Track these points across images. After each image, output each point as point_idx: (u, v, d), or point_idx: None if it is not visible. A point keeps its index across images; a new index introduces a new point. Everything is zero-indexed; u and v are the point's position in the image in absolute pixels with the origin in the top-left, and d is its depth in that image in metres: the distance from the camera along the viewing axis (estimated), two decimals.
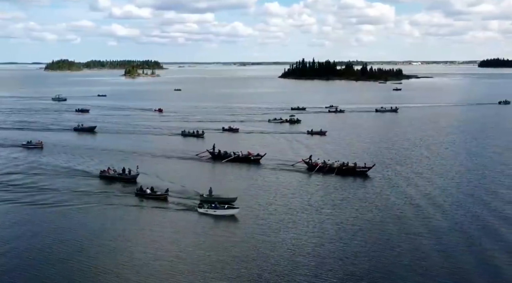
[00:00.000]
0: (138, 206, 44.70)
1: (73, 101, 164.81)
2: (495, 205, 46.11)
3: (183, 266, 32.52)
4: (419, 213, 43.68)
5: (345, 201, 47.70)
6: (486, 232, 39.13)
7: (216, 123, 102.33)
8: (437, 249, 35.53)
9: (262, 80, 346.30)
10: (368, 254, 34.54)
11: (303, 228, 39.65)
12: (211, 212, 41.74)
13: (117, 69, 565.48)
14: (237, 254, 34.37)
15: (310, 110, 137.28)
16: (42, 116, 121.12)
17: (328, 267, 32.39)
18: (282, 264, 32.76)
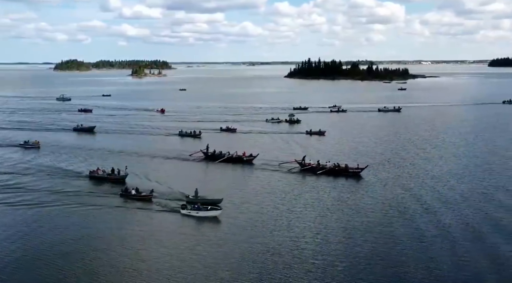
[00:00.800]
0: (122, 207, 44.40)
1: (77, 101, 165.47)
2: (490, 208, 45.16)
3: (161, 267, 32.15)
4: (406, 215, 42.97)
5: (334, 202, 47.10)
6: (476, 236, 38.40)
7: (216, 123, 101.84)
8: (421, 250, 34.92)
9: (268, 80, 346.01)
10: (356, 256, 34.00)
11: (287, 229, 39.18)
12: (193, 213, 41.40)
13: (126, 69, 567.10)
14: (216, 256, 34.01)
15: (312, 110, 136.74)
16: (44, 116, 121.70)
17: (314, 269, 31.92)
18: (262, 267, 32.29)
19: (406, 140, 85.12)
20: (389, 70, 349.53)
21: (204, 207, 42.08)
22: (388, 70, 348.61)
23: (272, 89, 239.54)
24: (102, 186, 51.68)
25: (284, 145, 79.75)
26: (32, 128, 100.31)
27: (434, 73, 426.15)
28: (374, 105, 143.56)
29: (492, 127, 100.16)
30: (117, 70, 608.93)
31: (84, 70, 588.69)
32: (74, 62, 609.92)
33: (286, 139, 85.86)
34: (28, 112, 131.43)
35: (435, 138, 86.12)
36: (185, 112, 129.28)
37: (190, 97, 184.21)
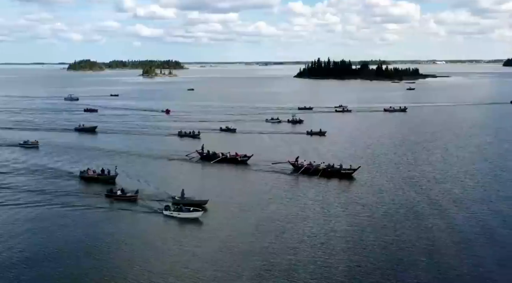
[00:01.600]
0: (106, 208, 44.20)
1: (84, 101, 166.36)
2: (487, 212, 44.23)
3: (139, 268, 31.96)
4: (393, 218, 42.24)
5: (324, 203, 46.52)
6: (473, 239, 37.64)
7: (218, 123, 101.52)
8: (409, 254, 34.25)
9: (277, 80, 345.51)
10: (343, 259, 33.52)
11: (272, 230, 38.60)
12: (175, 214, 41.12)
13: (138, 69, 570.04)
14: (195, 257, 33.67)
15: (317, 110, 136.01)
16: (48, 116, 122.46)
17: (297, 273, 31.50)
18: (242, 268, 31.90)
19: (407, 140, 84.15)
20: (399, 69, 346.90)
21: (186, 208, 41.75)
22: (398, 69, 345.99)
23: (279, 89, 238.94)
24: (90, 187, 51.58)
25: (283, 145, 79.19)
26: (35, 127, 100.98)
27: (446, 72, 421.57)
28: (380, 105, 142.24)
29: (494, 128, 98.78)
30: (130, 70, 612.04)
31: (97, 70, 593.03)
32: (87, 62, 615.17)
33: (285, 140, 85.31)
34: (34, 112, 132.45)
35: (436, 139, 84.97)
36: (190, 112, 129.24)
37: (197, 97, 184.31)
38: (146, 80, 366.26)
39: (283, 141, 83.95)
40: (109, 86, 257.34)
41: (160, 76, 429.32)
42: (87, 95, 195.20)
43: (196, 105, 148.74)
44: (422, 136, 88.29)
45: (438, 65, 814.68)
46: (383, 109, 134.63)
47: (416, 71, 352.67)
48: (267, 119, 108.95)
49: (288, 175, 58.48)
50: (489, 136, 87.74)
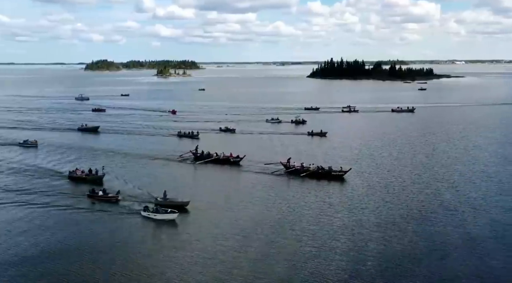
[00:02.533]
0: (86, 209, 44.03)
1: (95, 100, 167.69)
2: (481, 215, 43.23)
3: (111, 269, 31.77)
4: (379, 222, 41.34)
5: (312, 206, 45.81)
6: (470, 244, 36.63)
7: (221, 123, 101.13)
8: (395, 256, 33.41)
9: (290, 80, 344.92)
10: (327, 263, 32.88)
11: (250, 234, 37.93)
12: (152, 216, 40.82)
13: (154, 69, 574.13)
14: (169, 259, 33.28)
15: (324, 110, 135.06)
16: (55, 115, 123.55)
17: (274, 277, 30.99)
18: (218, 271, 31.46)
19: (407, 141, 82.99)
20: (412, 69, 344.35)
21: (163, 209, 41.44)
22: (411, 70, 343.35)
23: (289, 89, 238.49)
24: (76, 187, 51.51)
25: (280, 146, 78.38)
26: (39, 127, 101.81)
27: (462, 73, 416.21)
28: (389, 105, 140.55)
29: (500, 129, 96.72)
30: (147, 70, 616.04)
31: (114, 70, 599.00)
32: (104, 62, 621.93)
33: (284, 140, 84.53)
34: (42, 111, 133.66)
35: (438, 140, 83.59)
36: (196, 112, 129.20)
37: (206, 97, 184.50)
38: (159, 80, 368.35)
39: (282, 141, 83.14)
40: (122, 86, 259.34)
41: (174, 76, 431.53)
42: (98, 94, 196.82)
43: (204, 105, 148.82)
44: (425, 137, 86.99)
45: (457, 65, 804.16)
46: (390, 109, 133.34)
47: (431, 71, 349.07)
48: (268, 119, 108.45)
49: (279, 176, 57.81)
50: (493, 138, 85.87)
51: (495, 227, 39.80)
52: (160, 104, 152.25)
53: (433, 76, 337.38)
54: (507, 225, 40.34)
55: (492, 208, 44.83)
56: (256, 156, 66.77)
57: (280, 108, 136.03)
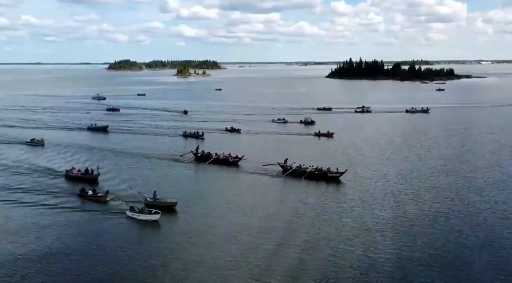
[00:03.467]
0: (74, 208, 44.05)
1: (111, 100, 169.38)
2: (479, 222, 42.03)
3: (89, 269, 31.82)
4: (373, 225, 40.52)
5: (303, 208, 45.11)
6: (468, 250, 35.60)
7: (228, 123, 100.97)
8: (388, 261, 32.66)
9: (308, 80, 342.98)
10: (314, 268, 32.31)
11: (235, 237, 37.29)
12: (136, 216, 40.76)
13: (176, 69, 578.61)
14: (140, 262, 33.08)
15: (336, 111, 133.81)
16: (69, 115, 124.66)
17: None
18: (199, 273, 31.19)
19: (418, 142, 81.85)
20: (432, 70, 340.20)
21: (148, 210, 41.37)
22: (431, 70, 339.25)
23: (305, 89, 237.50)
24: (70, 186, 51.56)
25: (284, 146, 77.52)
26: (50, 126, 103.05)
27: (485, 73, 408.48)
28: (403, 105, 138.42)
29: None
30: (169, 70, 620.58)
31: (136, 70, 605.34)
32: (126, 62, 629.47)
33: (290, 141, 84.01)
34: (57, 110, 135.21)
35: (450, 141, 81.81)
36: (208, 112, 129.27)
37: (221, 97, 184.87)
38: (178, 80, 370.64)
39: (287, 142, 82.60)
40: (141, 86, 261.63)
41: (193, 76, 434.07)
42: (116, 94, 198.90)
43: (217, 105, 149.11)
44: (435, 138, 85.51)
45: (482, 66, 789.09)
46: (405, 110, 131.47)
47: (451, 71, 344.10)
48: (274, 119, 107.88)
49: (275, 177, 57.24)
50: (503, 140, 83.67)
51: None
52: (174, 104, 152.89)
53: (453, 77, 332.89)
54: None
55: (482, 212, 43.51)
56: (257, 156, 66.42)
57: (292, 108, 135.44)
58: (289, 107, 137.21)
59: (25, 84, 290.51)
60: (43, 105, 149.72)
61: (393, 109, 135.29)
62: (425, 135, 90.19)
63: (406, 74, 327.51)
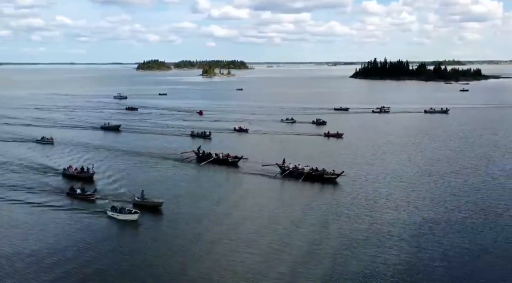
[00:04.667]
0: (60, 206, 44.21)
1: (132, 99, 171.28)
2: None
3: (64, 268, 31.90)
4: (366, 228, 39.45)
5: (293, 209, 44.41)
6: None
7: (240, 123, 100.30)
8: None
9: (331, 80, 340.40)
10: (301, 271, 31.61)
11: (217, 240, 36.59)
12: (115, 216, 40.67)
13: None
14: (114, 262, 32.92)
15: (353, 111, 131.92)
16: (87, 114, 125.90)
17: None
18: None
19: (431, 143, 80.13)
20: (458, 70, 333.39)
21: (128, 209, 41.24)
22: (457, 70, 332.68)
23: (326, 89, 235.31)
24: (64, 184, 51.73)
25: (289, 146, 76.63)
26: (66, 125, 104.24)
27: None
28: (424, 106, 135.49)
29: None
30: (197, 70, 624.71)
31: (164, 69, 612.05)
32: (155, 62, 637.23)
33: (297, 141, 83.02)
34: (76, 110, 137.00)
35: (466, 143, 79.42)
36: (223, 112, 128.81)
37: (240, 97, 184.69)
38: (203, 80, 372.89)
39: (293, 142, 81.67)
40: (165, 86, 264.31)
41: (218, 76, 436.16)
42: (138, 93, 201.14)
43: (233, 105, 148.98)
44: (450, 139, 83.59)
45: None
46: (423, 110, 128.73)
47: (478, 72, 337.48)
48: (282, 119, 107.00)
49: (272, 178, 56.40)
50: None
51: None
52: (192, 103, 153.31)
53: (480, 77, 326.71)
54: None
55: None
56: (258, 156, 65.74)
57: (309, 108, 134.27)
58: (305, 107, 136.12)
59: (52, 83, 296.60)
60: (63, 104, 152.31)
61: (412, 110, 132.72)
62: (438, 136, 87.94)
63: (431, 74, 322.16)
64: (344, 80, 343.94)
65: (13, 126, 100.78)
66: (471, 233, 38.14)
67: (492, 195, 48.54)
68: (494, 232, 38.42)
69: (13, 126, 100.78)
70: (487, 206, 45.07)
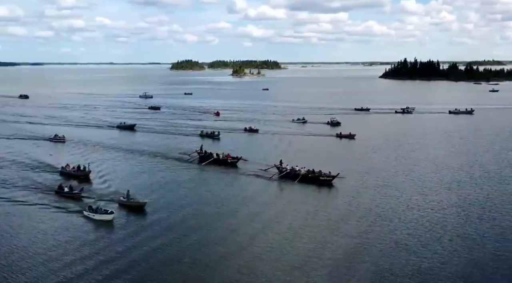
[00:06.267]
0: (47, 205, 44.44)
1: (157, 99, 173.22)
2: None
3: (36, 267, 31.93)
4: (359, 231, 38.15)
5: (280, 212, 43.48)
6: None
7: (253, 123, 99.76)
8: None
9: (360, 80, 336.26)
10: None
11: (194, 243, 35.79)
12: (91, 216, 40.58)
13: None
14: (83, 263, 32.62)
15: (375, 111, 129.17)
16: (106, 113, 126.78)
17: None
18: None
19: (448, 145, 77.24)
20: (491, 70, 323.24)
21: (105, 210, 41.09)
22: (489, 70, 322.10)
23: (351, 89, 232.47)
24: (57, 182, 51.60)
25: (295, 147, 75.45)
26: (81, 124, 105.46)
27: None
28: (450, 106, 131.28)
29: None
30: (230, 69, 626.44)
31: (197, 69, 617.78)
32: (188, 62, 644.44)
33: (307, 141, 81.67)
34: (99, 109, 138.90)
35: (486, 145, 76.27)
36: (242, 112, 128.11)
37: (264, 97, 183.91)
38: (232, 80, 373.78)
39: (301, 143, 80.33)
40: (193, 85, 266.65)
41: (248, 75, 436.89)
42: (163, 93, 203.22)
43: (254, 105, 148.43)
44: (470, 141, 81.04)
45: None
46: (448, 111, 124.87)
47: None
48: (294, 119, 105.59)
49: (267, 179, 55.35)
50: None
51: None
52: (214, 103, 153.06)
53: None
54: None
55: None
56: (260, 157, 64.97)
57: (329, 108, 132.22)
58: (325, 107, 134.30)
59: (87, 83, 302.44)
60: (89, 103, 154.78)
61: (436, 110, 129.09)
62: (457, 137, 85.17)
63: (461, 74, 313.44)
64: (373, 80, 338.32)
65: (32, 125, 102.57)
66: (473, 243, 36.17)
67: (495, 202, 46.14)
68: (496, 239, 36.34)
69: (33, 125, 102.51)
70: (491, 215, 42.80)
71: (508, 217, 41.40)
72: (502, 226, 39.16)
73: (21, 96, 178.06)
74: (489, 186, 51.43)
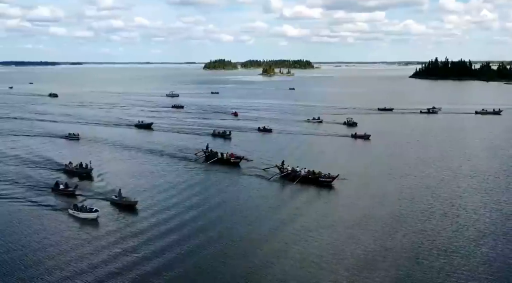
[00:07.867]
0: (37, 202, 44.72)
1: (184, 98, 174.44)
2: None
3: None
4: (354, 234, 37.09)
5: (277, 212, 42.75)
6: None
7: (267, 122, 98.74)
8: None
9: (389, 80, 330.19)
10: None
11: (182, 243, 35.37)
12: (76, 214, 40.56)
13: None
14: (67, 262, 32.49)
15: (399, 111, 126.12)
16: (128, 111, 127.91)
17: None
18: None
19: (468, 147, 74.72)
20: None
21: (89, 208, 41.08)
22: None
23: (378, 89, 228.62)
24: (61, 179, 52.49)
25: (306, 148, 74.41)
26: (100, 122, 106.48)
27: None
28: (477, 106, 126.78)
29: None
30: (257, 69, 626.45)
31: (230, 69, 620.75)
32: (221, 61, 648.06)
33: (320, 142, 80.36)
34: (122, 107, 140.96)
35: (503, 150, 73.10)
36: (261, 111, 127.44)
37: (288, 96, 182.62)
38: (262, 79, 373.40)
39: (313, 143, 79.21)
40: (221, 84, 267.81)
41: (278, 75, 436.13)
42: (191, 92, 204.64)
43: (276, 104, 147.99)
44: (495, 142, 78.01)
45: None
46: (474, 111, 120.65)
47: None
48: (309, 119, 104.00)
49: (267, 179, 54.40)
50: None
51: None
52: (239, 102, 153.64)
53: None
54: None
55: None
56: (265, 157, 64.19)
57: (351, 108, 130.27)
58: (347, 107, 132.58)
59: (120, 82, 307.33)
60: (113, 102, 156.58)
61: (463, 111, 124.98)
62: (478, 138, 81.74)
63: (493, 74, 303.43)
64: (403, 80, 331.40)
65: (53, 123, 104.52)
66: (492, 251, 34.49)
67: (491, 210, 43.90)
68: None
69: (53, 123, 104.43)
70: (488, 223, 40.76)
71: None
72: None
73: (50, 94, 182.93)
74: (499, 192, 49.06)
